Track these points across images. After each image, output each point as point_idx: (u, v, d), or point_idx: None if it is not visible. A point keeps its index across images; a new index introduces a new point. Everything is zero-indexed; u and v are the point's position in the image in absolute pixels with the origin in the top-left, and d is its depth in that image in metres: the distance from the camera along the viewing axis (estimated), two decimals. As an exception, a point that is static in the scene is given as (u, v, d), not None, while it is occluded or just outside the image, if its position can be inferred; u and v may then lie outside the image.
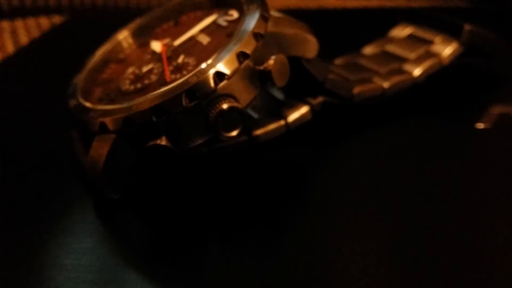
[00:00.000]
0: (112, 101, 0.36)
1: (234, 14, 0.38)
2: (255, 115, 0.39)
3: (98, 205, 0.36)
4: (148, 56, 0.39)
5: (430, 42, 0.45)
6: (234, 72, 0.32)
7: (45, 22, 0.71)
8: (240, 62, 0.32)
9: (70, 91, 0.37)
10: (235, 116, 0.31)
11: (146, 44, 0.40)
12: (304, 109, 0.39)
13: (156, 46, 0.39)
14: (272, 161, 0.39)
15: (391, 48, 0.46)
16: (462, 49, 0.44)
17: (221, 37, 0.36)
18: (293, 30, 0.35)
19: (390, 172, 0.38)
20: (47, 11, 0.71)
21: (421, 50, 0.45)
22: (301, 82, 0.38)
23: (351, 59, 0.47)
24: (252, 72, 0.33)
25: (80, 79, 0.38)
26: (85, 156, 0.35)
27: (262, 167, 0.39)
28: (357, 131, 0.42)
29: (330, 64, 0.44)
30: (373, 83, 0.42)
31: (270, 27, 0.34)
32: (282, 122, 0.39)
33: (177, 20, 0.41)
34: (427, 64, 0.43)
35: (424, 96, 0.44)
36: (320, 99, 0.40)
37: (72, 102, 0.36)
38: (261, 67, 0.33)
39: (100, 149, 0.33)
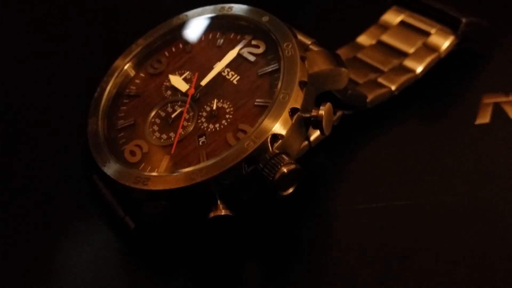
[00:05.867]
0: (149, 157, 0.34)
1: (261, 45, 0.36)
2: None
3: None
4: (169, 93, 0.36)
5: (426, 33, 0.46)
6: (288, 131, 0.31)
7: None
8: (292, 118, 0.32)
9: (92, 142, 0.35)
10: (293, 175, 0.31)
11: (161, 75, 0.37)
12: (325, 127, 0.40)
13: (178, 83, 0.36)
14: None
15: (387, 39, 0.47)
16: (458, 41, 0.45)
17: (252, 76, 0.35)
18: (326, 65, 0.34)
19: (399, 176, 0.40)
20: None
21: (418, 43, 0.45)
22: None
23: (349, 52, 0.46)
24: (301, 121, 0.32)
25: (96, 123, 0.36)
26: (121, 210, 0.34)
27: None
28: (359, 134, 0.43)
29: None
30: (382, 87, 0.43)
31: (308, 68, 0.33)
32: (305, 143, 0.39)
33: (187, 41, 0.39)
34: (428, 60, 0.44)
35: (418, 90, 0.45)
36: (338, 113, 0.40)
37: (103, 161, 0.34)
38: (310, 115, 0.32)
39: (153, 216, 0.32)
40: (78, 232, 0.38)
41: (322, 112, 0.32)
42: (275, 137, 0.31)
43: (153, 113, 0.36)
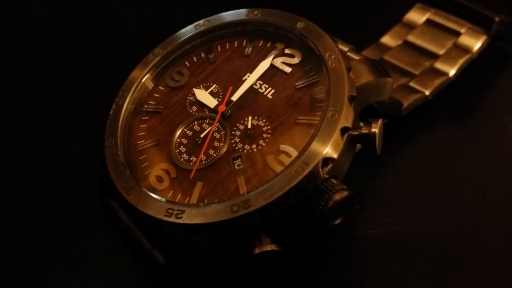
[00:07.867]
0: (178, 183, 0.30)
1: (296, 55, 0.32)
2: None
3: None
4: (194, 109, 0.33)
5: (456, 33, 0.43)
6: (340, 153, 0.28)
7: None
8: (343, 138, 0.28)
9: (112, 167, 0.31)
10: (345, 202, 0.28)
11: (183, 88, 0.34)
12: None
13: (205, 98, 0.32)
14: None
15: (414, 39, 0.44)
16: (489, 40, 0.42)
17: (289, 89, 0.31)
18: (372, 76, 0.31)
19: (436, 190, 0.37)
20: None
21: (449, 43, 0.42)
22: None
23: (375, 54, 0.43)
24: (351, 140, 0.29)
25: (115, 145, 0.32)
26: (146, 242, 0.30)
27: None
28: (389, 144, 0.40)
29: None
30: (416, 92, 0.40)
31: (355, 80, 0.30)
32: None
33: (209, 49, 0.35)
34: (460, 61, 0.41)
35: (447, 92, 0.42)
36: (374, 123, 0.37)
37: (127, 189, 0.30)
38: (360, 133, 0.29)
39: (187, 251, 0.29)
40: (95, 264, 0.34)
41: (375, 130, 0.29)
42: (326, 161, 0.28)
43: (178, 132, 0.32)
